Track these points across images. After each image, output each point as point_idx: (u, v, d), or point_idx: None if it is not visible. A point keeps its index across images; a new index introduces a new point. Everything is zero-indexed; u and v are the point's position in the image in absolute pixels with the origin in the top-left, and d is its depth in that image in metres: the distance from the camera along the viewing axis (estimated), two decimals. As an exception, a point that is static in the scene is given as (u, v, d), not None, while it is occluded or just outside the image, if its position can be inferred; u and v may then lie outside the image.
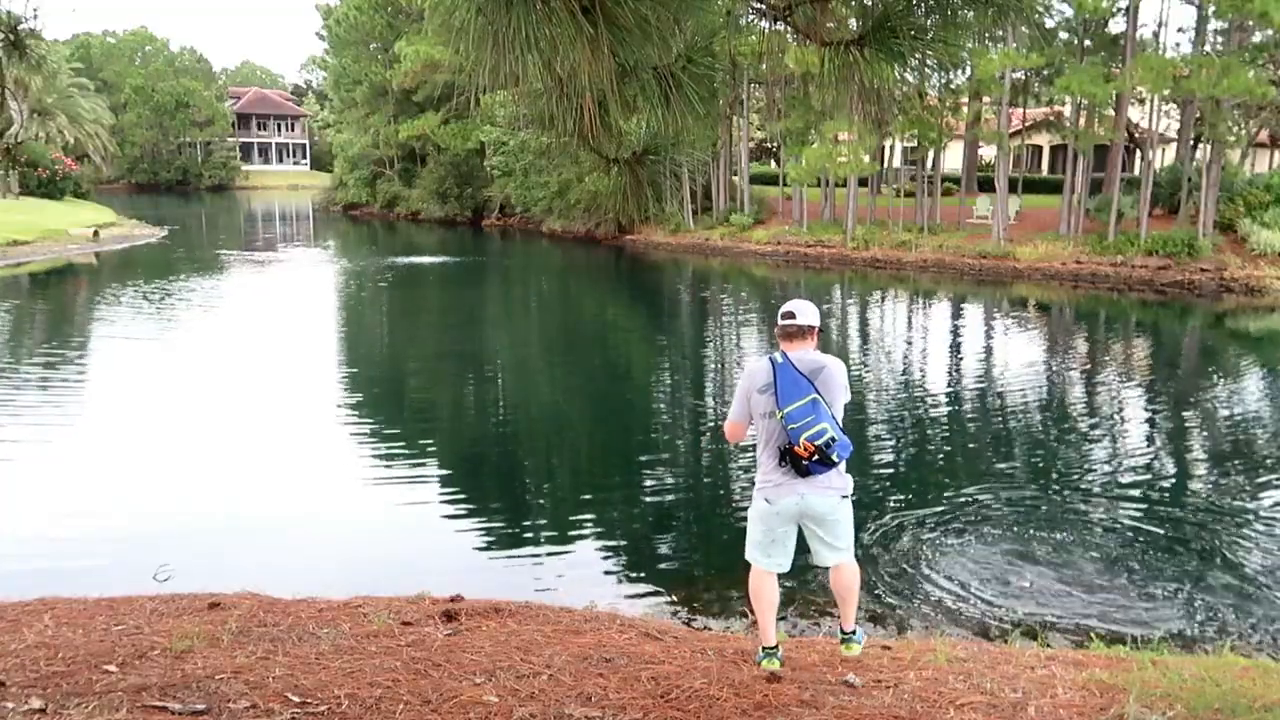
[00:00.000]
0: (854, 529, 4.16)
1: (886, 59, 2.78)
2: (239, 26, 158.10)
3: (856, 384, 13.34)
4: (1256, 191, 25.85)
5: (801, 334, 4.04)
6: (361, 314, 22.20)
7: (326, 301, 23.50)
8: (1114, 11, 26.80)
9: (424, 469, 10.00)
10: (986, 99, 29.86)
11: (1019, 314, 23.24)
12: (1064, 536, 7.71)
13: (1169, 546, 7.65)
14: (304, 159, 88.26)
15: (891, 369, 15.95)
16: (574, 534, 8.23)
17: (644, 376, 15.53)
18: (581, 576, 7.11)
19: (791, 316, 4.04)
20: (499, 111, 37.21)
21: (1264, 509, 8.66)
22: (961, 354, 17.85)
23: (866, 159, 29.61)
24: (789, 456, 3.90)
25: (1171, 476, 10.08)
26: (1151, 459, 10.81)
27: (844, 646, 4.23)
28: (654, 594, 6.85)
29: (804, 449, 3.83)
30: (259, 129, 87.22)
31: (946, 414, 12.82)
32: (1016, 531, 7.79)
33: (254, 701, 3.46)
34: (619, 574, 7.35)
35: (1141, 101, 28.20)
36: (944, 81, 25.77)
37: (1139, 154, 32.73)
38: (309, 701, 3.49)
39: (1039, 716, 3.63)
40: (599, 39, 2.55)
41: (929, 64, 2.91)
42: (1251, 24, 24.32)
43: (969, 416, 12.66)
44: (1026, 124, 34.90)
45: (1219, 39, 27.07)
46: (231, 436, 10.58)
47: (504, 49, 2.55)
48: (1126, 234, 26.02)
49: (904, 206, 32.46)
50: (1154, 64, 24.09)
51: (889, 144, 36.26)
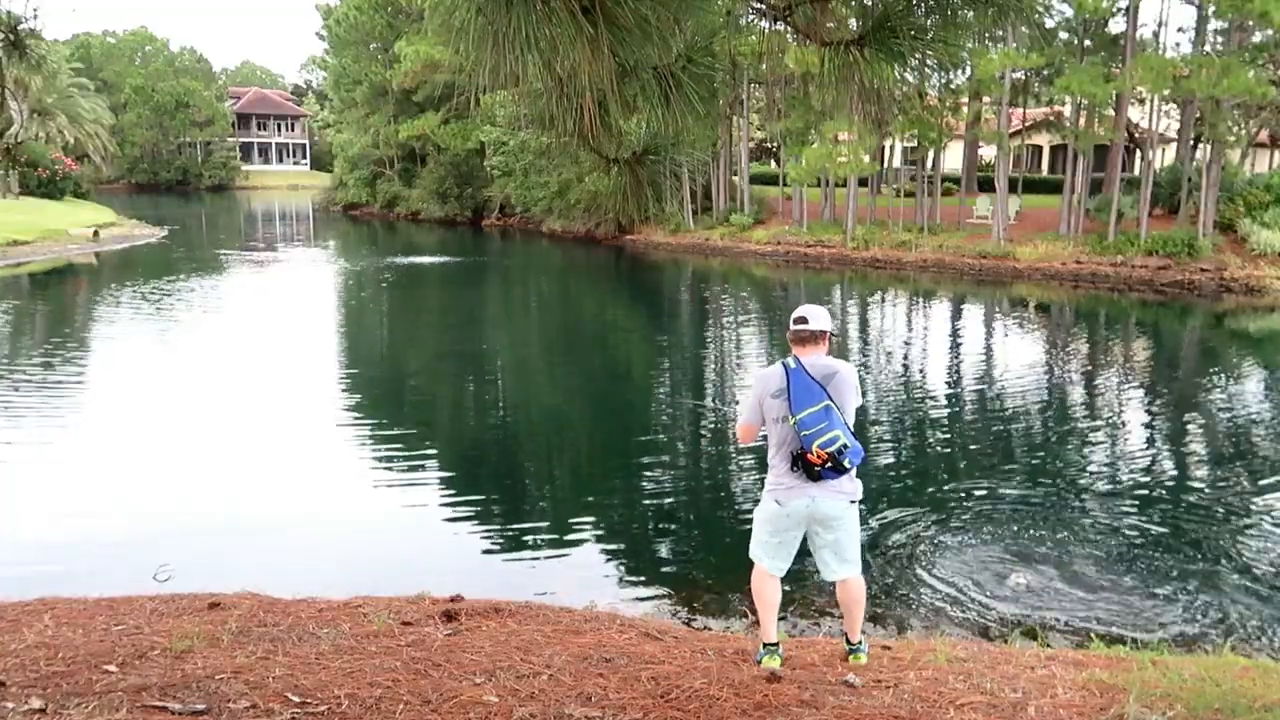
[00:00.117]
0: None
1: (886, 59, 2.78)
2: (239, 26, 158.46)
3: (856, 384, 13.31)
4: (1256, 191, 25.85)
5: (814, 339, 4.05)
6: (361, 314, 22.20)
7: (326, 302, 23.51)
8: (1114, 11, 26.80)
9: (424, 469, 10.00)
10: (986, 99, 29.86)
11: (1019, 314, 23.25)
12: (1064, 536, 7.71)
13: (1169, 546, 7.65)
14: (304, 159, 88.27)
15: (891, 369, 15.95)
16: (574, 534, 8.23)
17: (644, 377, 15.53)
18: (581, 576, 7.11)
19: (804, 322, 4.05)
20: (499, 111, 37.22)
21: (1264, 509, 8.67)
22: (961, 354, 17.85)
23: (866, 159, 29.61)
24: (801, 462, 3.91)
25: (1171, 476, 10.09)
26: (1151, 459, 10.81)
27: (852, 656, 4.25)
28: (654, 594, 6.86)
29: (817, 456, 3.85)
30: (259, 129, 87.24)
31: (946, 414, 12.83)
32: (1016, 531, 7.79)
33: (254, 701, 3.46)
34: (619, 574, 7.35)
35: (1141, 101, 28.20)
36: (944, 81, 25.78)
37: (1139, 154, 32.73)
38: (309, 701, 3.49)
39: (1039, 716, 3.63)
40: (599, 39, 2.55)
41: (929, 64, 2.91)
42: (1251, 24, 24.32)
43: (968, 416, 12.66)
44: (1026, 124, 34.90)
45: (1219, 39, 27.08)
46: (231, 437, 10.59)
47: (504, 49, 2.55)
48: (1126, 234, 26.02)
49: (904, 206, 32.46)
50: (1154, 64, 24.09)
51: (889, 144, 36.27)
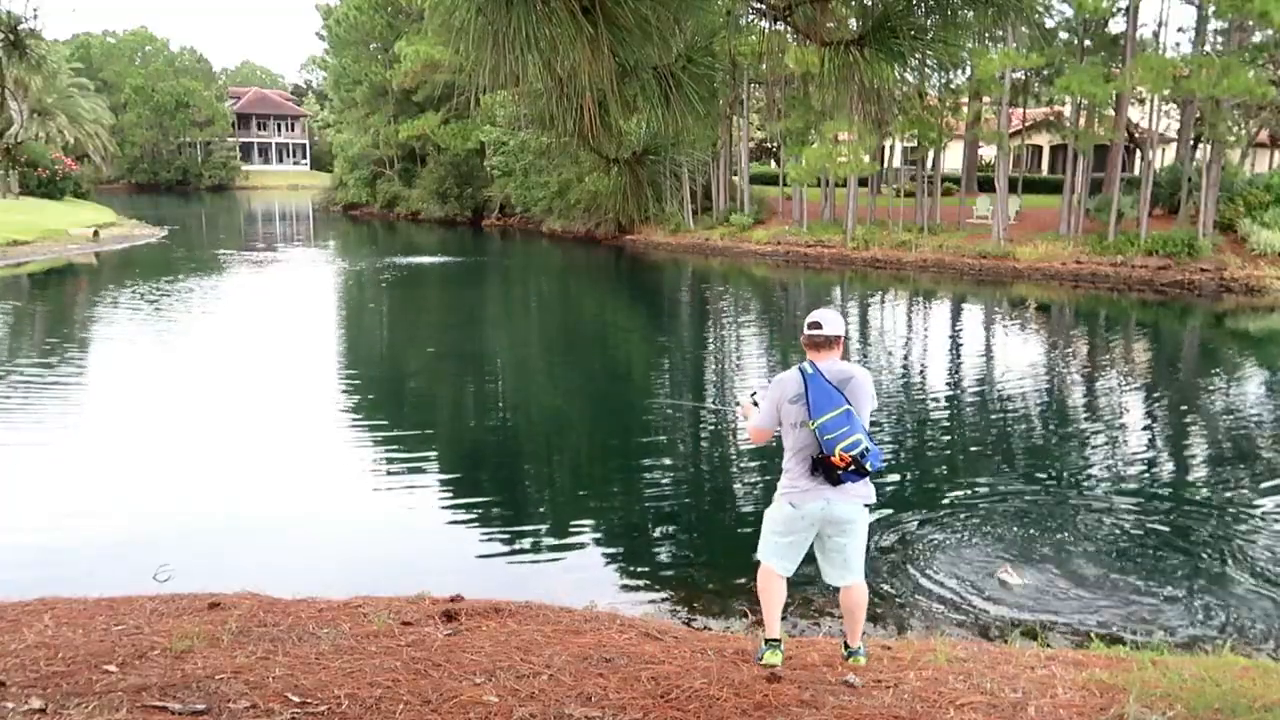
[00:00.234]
0: None
1: (886, 59, 2.78)
2: (239, 26, 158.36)
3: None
4: (1256, 191, 25.85)
5: (829, 344, 4.06)
6: (361, 314, 22.20)
7: (326, 302, 23.51)
8: (1114, 11, 26.80)
9: (424, 469, 10.00)
10: (986, 99, 29.86)
11: (1019, 314, 23.25)
12: (1064, 536, 7.71)
13: (1169, 546, 7.65)
14: (304, 159, 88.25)
15: (891, 369, 15.95)
16: (574, 534, 8.23)
17: (644, 377, 15.53)
18: (581, 576, 7.11)
19: (819, 327, 4.06)
20: (499, 111, 37.21)
21: (1264, 509, 8.67)
22: (961, 354, 17.85)
23: (866, 159, 29.60)
24: (823, 466, 3.92)
25: (1171, 476, 10.09)
26: (1151, 459, 10.81)
27: (852, 659, 4.25)
28: (654, 594, 6.85)
29: (841, 460, 3.86)
30: (259, 129, 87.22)
31: (946, 414, 12.83)
32: (1016, 531, 7.79)
33: (254, 701, 3.46)
34: (619, 574, 7.35)
35: (1141, 101, 28.20)
36: (944, 81, 25.76)
37: (1139, 154, 32.73)
38: (309, 701, 3.49)
39: (1039, 716, 3.63)
40: (599, 39, 2.55)
41: (929, 64, 2.91)
42: (1251, 24, 24.32)
43: (968, 417, 12.66)
44: (1026, 124, 34.89)
45: (1219, 39, 27.08)
46: (231, 437, 10.58)
47: (504, 49, 2.55)
48: (1126, 234, 26.02)
49: (904, 206, 32.45)
50: (1154, 64, 24.09)
51: (889, 144, 36.27)
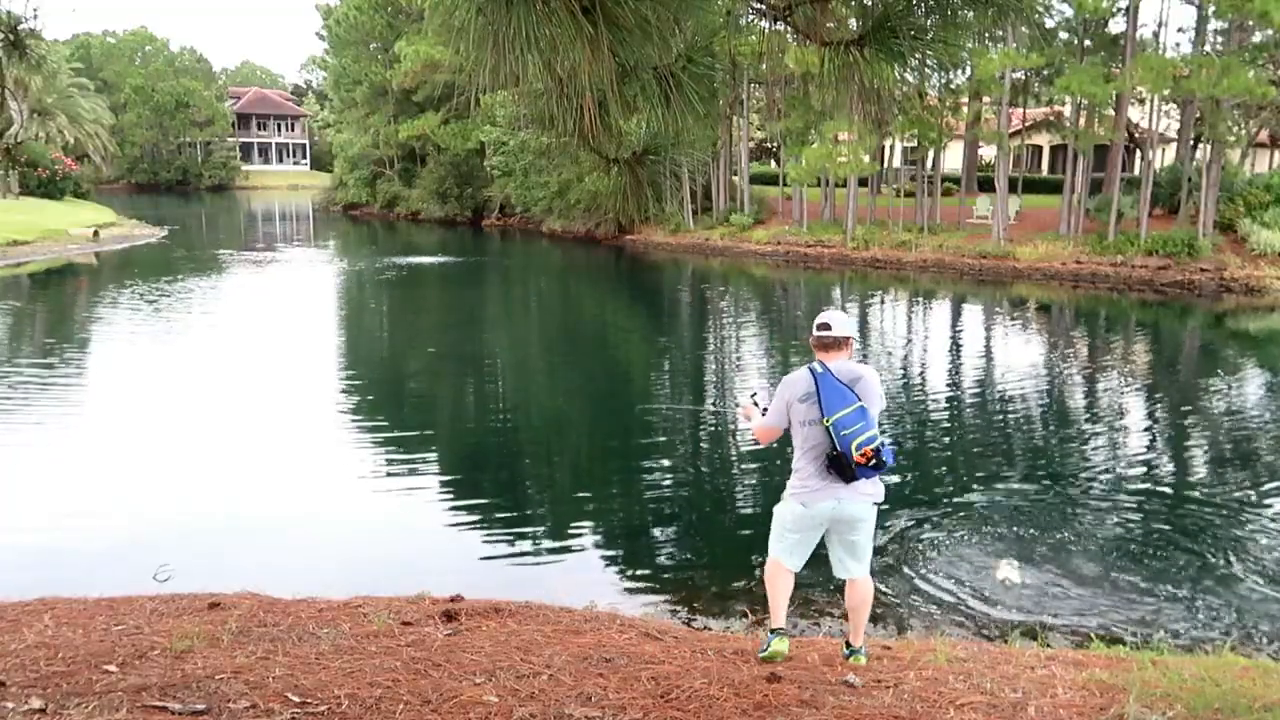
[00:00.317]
0: None
1: (886, 59, 2.78)
2: (239, 26, 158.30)
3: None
4: (1256, 191, 25.85)
5: (837, 345, 4.12)
6: (361, 314, 22.20)
7: (326, 302, 23.51)
8: (1114, 11, 26.80)
9: (424, 469, 10.00)
10: (986, 99, 29.86)
11: (1019, 314, 23.24)
12: (1064, 536, 7.71)
13: (1169, 546, 7.65)
14: (304, 159, 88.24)
15: (891, 369, 15.94)
16: (574, 534, 8.23)
17: (644, 377, 15.53)
18: (581, 576, 7.10)
19: (827, 328, 4.11)
20: (499, 111, 37.20)
21: (1264, 509, 8.66)
22: (961, 354, 17.85)
23: (866, 159, 29.60)
24: (838, 463, 3.95)
25: (1171, 477, 10.09)
26: (1151, 459, 10.81)
27: (853, 658, 4.27)
28: (654, 594, 6.85)
29: (864, 455, 3.90)
30: (259, 129, 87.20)
31: (945, 414, 12.83)
32: (1016, 532, 7.79)
33: (254, 701, 3.46)
34: (619, 574, 7.35)
35: (1141, 101, 28.19)
36: (944, 81, 25.75)
37: (1139, 154, 32.73)
38: (309, 701, 3.49)
39: (1039, 716, 3.63)
40: (599, 39, 2.55)
41: (929, 64, 2.92)
42: (1251, 24, 24.32)
43: (968, 417, 12.66)
44: (1026, 124, 34.88)
45: (1219, 39, 27.08)
46: (231, 437, 10.58)
47: (504, 49, 2.55)
48: (1126, 234, 26.02)
49: (904, 206, 32.45)
50: (1154, 64, 24.08)
51: (889, 144, 36.27)
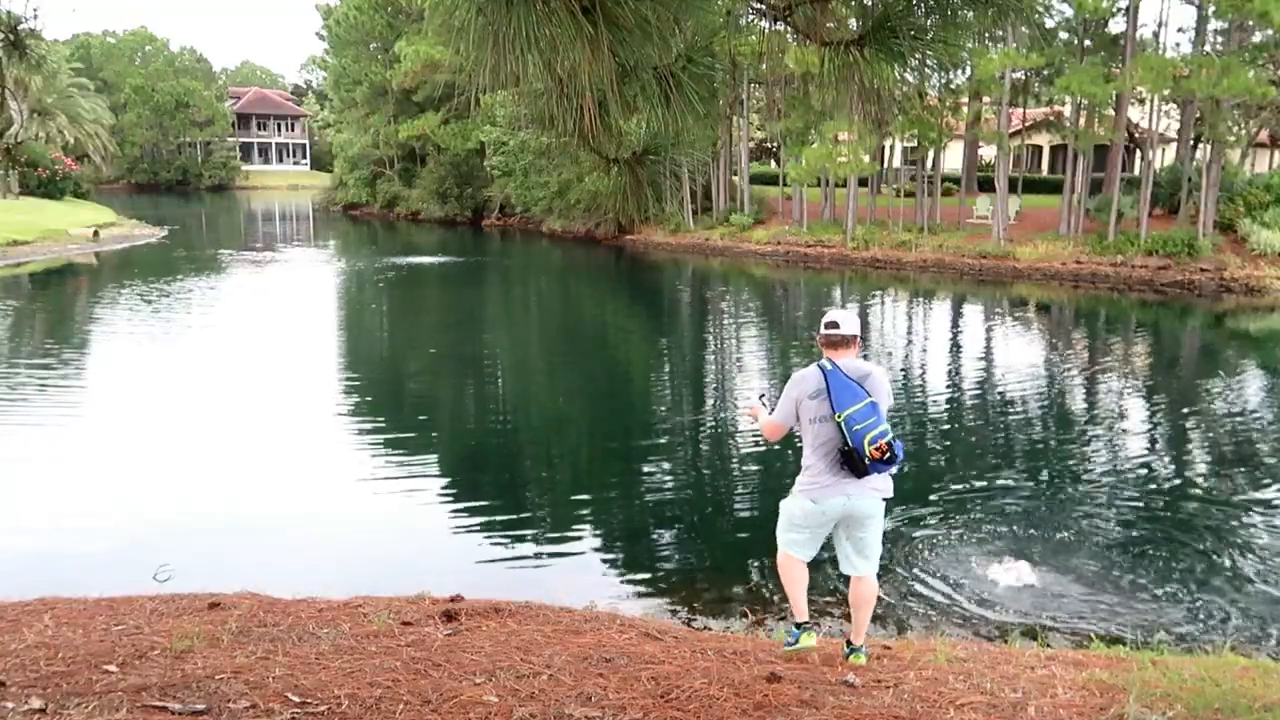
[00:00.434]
0: None
1: (886, 59, 2.79)
2: (239, 26, 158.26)
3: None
4: (1256, 191, 25.85)
5: (845, 343, 4.15)
6: (361, 314, 22.20)
7: (326, 302, 23.51)
8: (1114, 11, 26.80)
9: (424, 469, 10.00)
10: (986, 99, 29.85)
11: (1019, 314, 23.24)
12: (1064, 536, 7.72)
13: (1169, 546, 7.65)
14: (304, 159, 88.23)
15: (892, 370, 15.94)
16: (574, 534, 8.23)
17: (644, 377, 15.53)
18: (581, 576, 7.11)
19: (835, 326, 4.15)
20: (499, 111, 37.19)
21: (1264, 509, 8.67)
22: (961, 354, 17.85)
23: (866, 159, 29.60)
24: (851, 459, 3.98)
25: (1172, 477, 10.09)
26: (1151, 459, 10.81)
27: (853, 656, 4.29)
28: (654, 594, 6.86)
29: (878, 450, 3.93)
30: (259, 129, 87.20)
31: (945, 414, 12.82)
32: (1016, 532, 7.79)
33: (254, 701, 3.46)
34: (619, 574, 7.35)
35: (1141, 101, 28.19)
36: (944, 81, 25.75)
37: (1139, 154, 32.72)
38: (309, 701, 3.49)
39: (1039, 716, 3.62)
40: (599, 39, 2.55)
41: (929, 64, 2.92)
42: (1251, 24, 24.32)
43: (968, 417, 12.66)
44: (1026, 124, 34.88)
45: (1219, 39, 27.07)
46: (231, 437, 10.59)
47: (504, 49, 2.55)
48: (1126, 234, 26.02)
49: (904, 206, 32.45)
50: (1154, 64, 24.08)
51: (889, 144, 36.27)
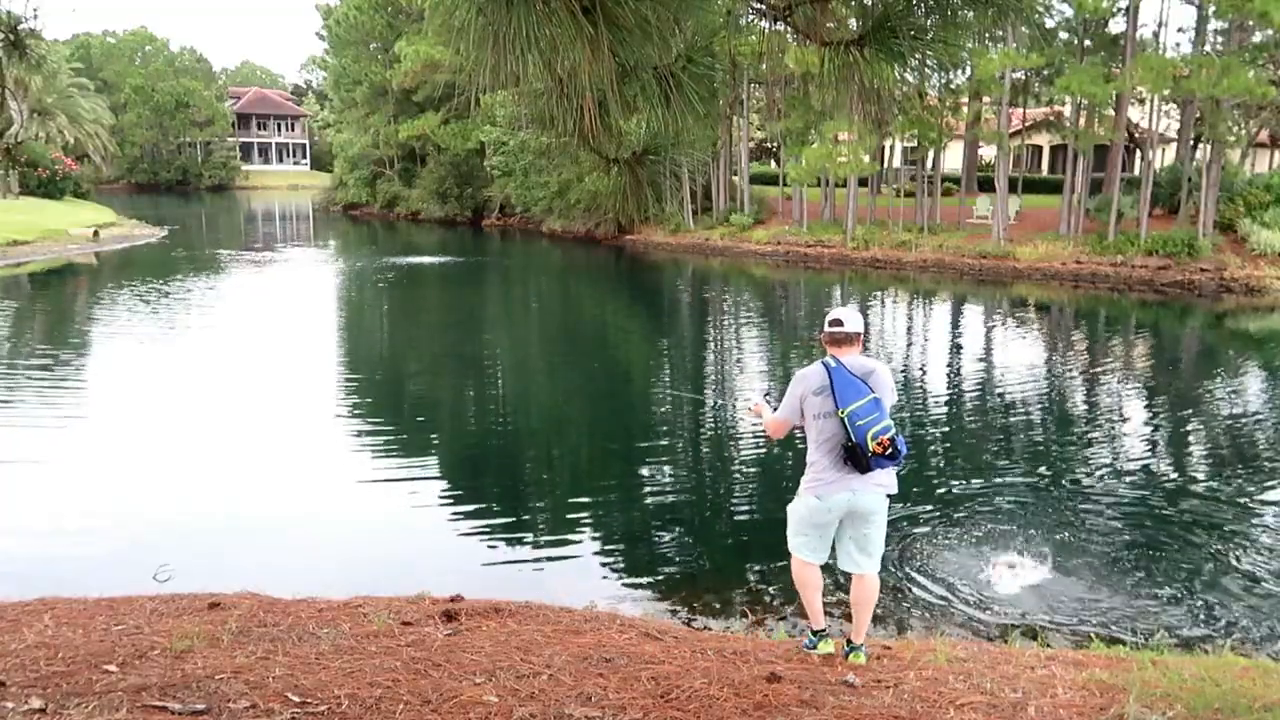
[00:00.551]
0: None
1: (886, 59, 2.79)
2: (239, 26, 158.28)
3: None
4: (1256, 191, 25.85)
5: (849, 340, 4.21)
6: (361, 314, 22.20)
7: (326, 302, 23.50)
8: (1114, 11, 26.79)
9: (424, 469, 10.00)
10: (986, 99, 29.85)
11: (1019, 314, 23.24)
12: (1064, 536, 7.71)
13: (1169, 546, 7.65)
14: (304, 159, 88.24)
15: (892, 370, 15.93)
16: (574, 534, 8.23)
17: (644, 377, 15.53)
18: (581, 576, 7.11)
19: (840, 324, 4.21)
20: (499, 111, 37.20)
21: (1264, 509, 8.67)
22: (961, 354, 17.85)
23: (866, 159, 29.60)
24: (855, 454, 4.02)
25: (1172, 477, 10.08)
26: (1151, 459, 10.81)
27: (852, 655, 4.30)
28: (654, 594, 6.86)
29: (880, 444, 3.98)
30: (259, 129, 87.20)
31: (945, 414, 12.82)
32: (1016, 532, 7.79)
33: (254, 701, 3.46)
34: (619, 574, 7.35)
35: (1141, 101, 28.19)
36: (944, 81, 25.75)
37: (1139, 154, 32.72)
38: (309, 701, 3.49)
39: (1039, 716, 3.62)
40: (599, 39, 2.55)
41: (929, 64, 2.92)
42: (1251, 24, 24.32)
43: (968, 417, 12.66)
44: (1026, 124, 34.88)
45: (1219, 39, 27.07)
46: (231, 437, 10.58)
47: (504, 49, 2.55)
48: (1126, 234, 26.02)
49: (904, 206, 32.45)
50: (1154, 64, 24.08)
51: (889, 144, 36.27)
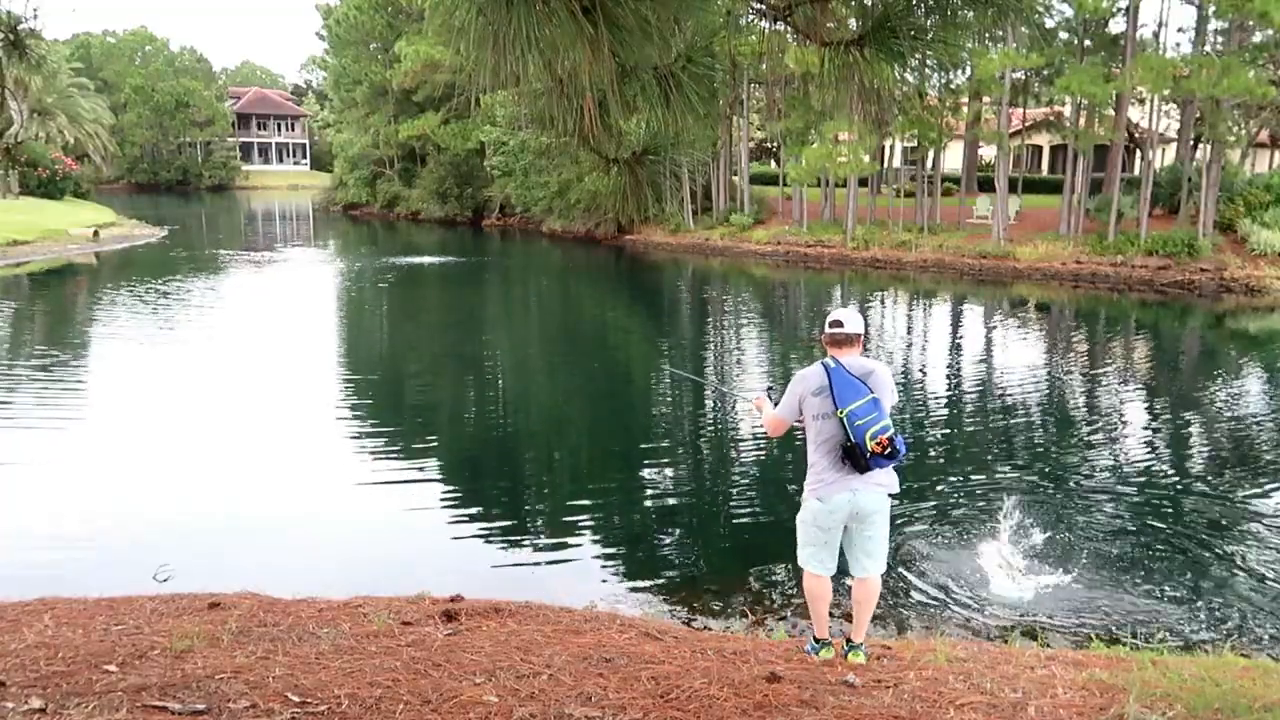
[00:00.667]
0: None
1: (886, 59, 2.79)
2: (239, 26, 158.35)
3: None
4: (1256, 191, 25.85)
5: (849, 341, 4.22)
6: (361, 315, 22.19)
7: (326, 302, 23.50)
8: (1114, 11, 26.79)
9: (424, 469, 10.00)
10: (986, 99, 29.85)
11: (1019, 314, 23.24)
12: (1064, 536, 7.71)
13: (1169, 546, 7.65)
14: (304, 159, 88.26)
15: (891, 370, 15.93)
16: (574, 534, 8.23)
17: (644, 377, 15.53)
18: (581, 576, 7.11)
19: (840, 325, 4.22)
20: (499, 111, 37.21)
21: (1264, 509, 8.67)
22: (962, 354, 17.85)
23: (866, 159, 29.59)
24: (853, 454, 4.03)
25: (1172, 477, 10.08)
26: (1151, 459, 10.81)
27: (851, 654, 4.32)
28: (654, 594, 6.85)
29: (879, 444, 3.99)
30: (259, 129, 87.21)
31: (945, 414, 12.82)
32: (1017, 532, 7.78)
33: (254, 701, 3.46)
34: (619, 574, 7.35)
35: (1141, 101, 28.19)
36: (944, 81, 25.78)
37: (1139, 154, 32.72)
38: (309, 701, 3.49)
39: (1039, 716, 3.62)
40: (599, 39, 2.55)
41: (929, 64, 2.92)
42: (1251, 24, 24.31)
43: (968, 417, 12.66)
44: (1026, 124, 34.88)
45: (1219, 39, 27.07)
46: (231, 437, 10.58)
47: (504, 49, 2.55)
48: (1126, 234, 26.02)
49: (904, 206, 32.45)
50: (1154, 64, 24.08)
51: (889, 144, 36.25)
